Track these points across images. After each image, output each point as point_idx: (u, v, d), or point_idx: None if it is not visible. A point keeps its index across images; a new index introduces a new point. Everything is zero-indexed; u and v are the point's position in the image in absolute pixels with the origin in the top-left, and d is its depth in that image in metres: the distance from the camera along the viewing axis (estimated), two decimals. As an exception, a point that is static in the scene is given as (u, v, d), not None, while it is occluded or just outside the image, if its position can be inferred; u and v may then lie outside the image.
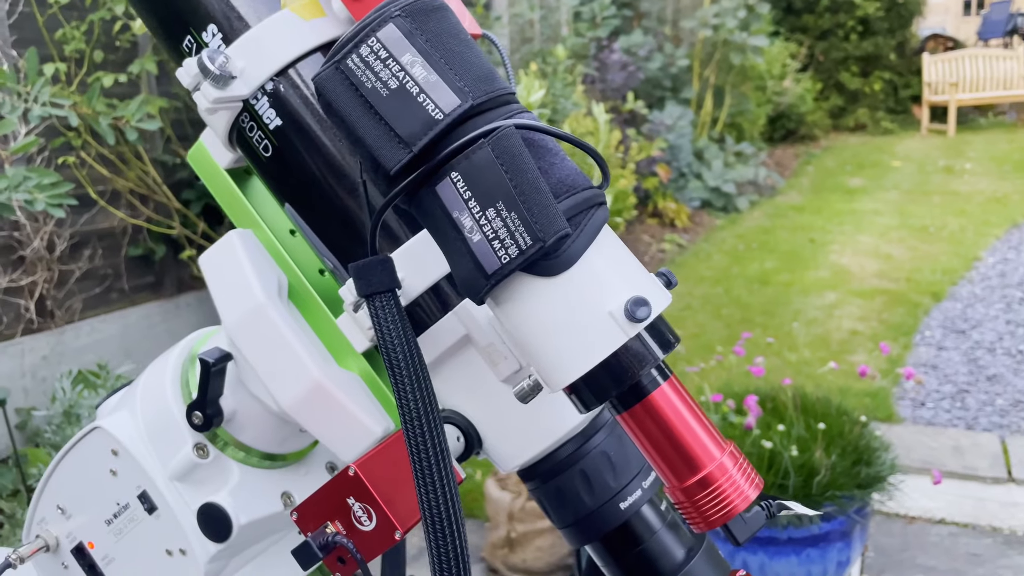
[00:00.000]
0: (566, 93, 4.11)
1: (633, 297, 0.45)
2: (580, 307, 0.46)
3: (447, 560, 0.49)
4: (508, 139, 0.44)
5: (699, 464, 0.48)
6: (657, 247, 6.15)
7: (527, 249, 0.44)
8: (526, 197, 0.44)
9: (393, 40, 0.46)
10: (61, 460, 0.75)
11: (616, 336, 0.46)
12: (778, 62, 8.82)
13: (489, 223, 0.45)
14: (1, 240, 2.99)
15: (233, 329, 0.66)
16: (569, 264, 0.46)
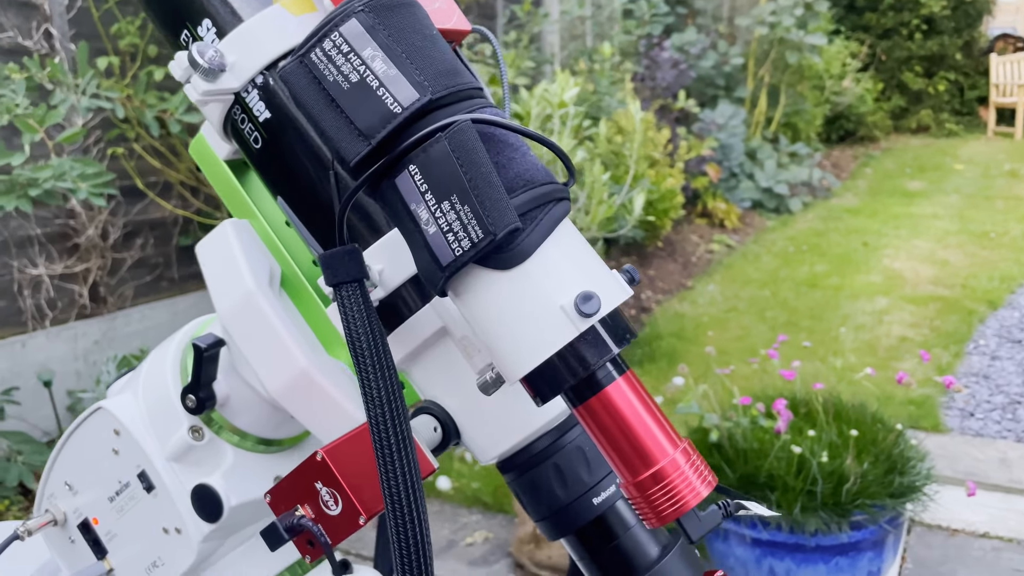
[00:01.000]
0: (611, 91, 4.09)
1: (581, 292, 0.46)
2: (533, 300, 0.47)
3: (407, 547, 0.50)
4: (464, 133, 0.45)
5: (652, 459, 0.48)
6: (705, 247, 6.08)
7: (479, 242, 0.45)
8: (479, 191, 0.45)
9: (355, 35, 0.47)
10: (69, 438, 0.78)
11: (567, 330, 0.46)
12: (838, 61, 8.64)
13: (444, 216, 0.46)
14: (57, 228, 3.10)
15: (225, 316, 0.67)
16: (523, 258, 0.47)
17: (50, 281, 3.07)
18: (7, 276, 2.97)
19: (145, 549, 0.77)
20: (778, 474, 1.87)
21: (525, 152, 0.49)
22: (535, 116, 2.06)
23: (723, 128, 6.33)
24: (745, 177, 6.85)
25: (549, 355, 0.47)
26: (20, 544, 0.85)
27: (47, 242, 3.08)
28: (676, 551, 0.63)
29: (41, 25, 2.92)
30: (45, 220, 3.04)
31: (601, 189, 1.97)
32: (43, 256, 3.06)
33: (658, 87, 5.78)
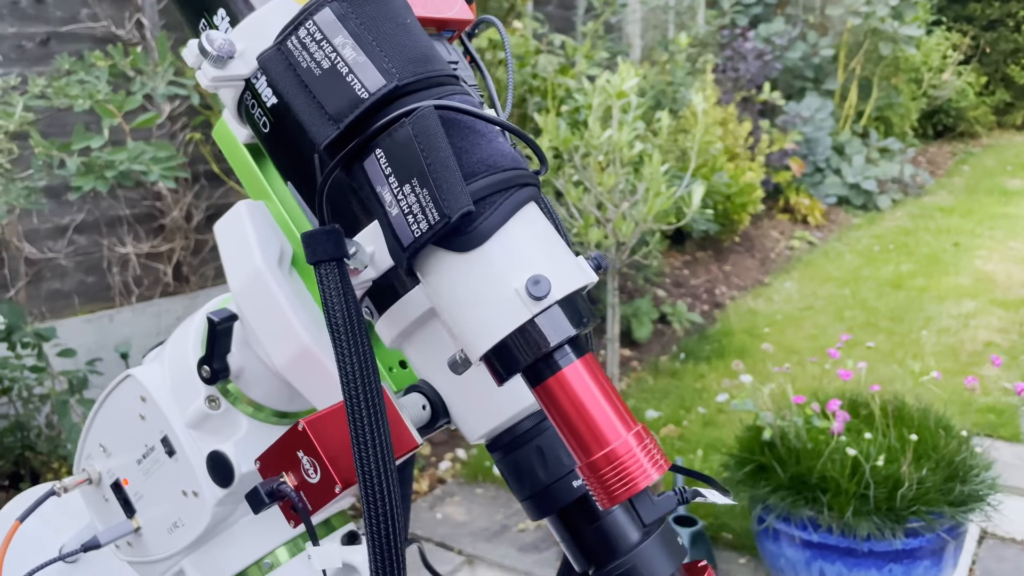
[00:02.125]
0: (687, 82, 4.03)
1: (531, 275, 0.47)
2: (489, 282, 0.48)
3: (376, 517, 0.52)
4: (425, 119, 0.47)
5: (604, 440, 0.48)
6: (785, 244, 5.94)
7: (435, 224, 0.47)
8: (436, 175, 0.46)
9: (327, 23, 0.49)
10: (103, 402, 0.84)
11: (520, 312, 0.47)
12: (937, 53, 8.28)
13: (405, 198, 0.47)
14: (145, 209, 3.26)
15: (236, 292, 0.71)
16: (480, 241, 0.48)
17: (137, 260, 3.23)
18: (97, 254, 3.14)
19: (168, 510, 0.81)
20: (831, 476, 1.83)
21: (492, 138, 0.50)
22: (596, 106, 2.06)
23: (809, 121, 6.16)
24: (831, 172, 6.65)
25: (503, 336, 0.48)
26: (71, 504, 0.91)
27: (135, 223, 3.24)
28: (656, 536, 0.63)
29: (133, 15, 3.06)
30: (133, 202, 3.20)
31: (659, 181, 1.96)
32: (131, 236, 3.22)
33: (741, 79, 5.66)
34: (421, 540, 2.44)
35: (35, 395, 2.51)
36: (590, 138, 1.98)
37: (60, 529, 0.97)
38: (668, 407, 3.42)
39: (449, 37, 0.67)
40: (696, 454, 2.90)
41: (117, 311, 3.18)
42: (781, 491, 1.89)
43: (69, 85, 1.84)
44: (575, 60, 3.56)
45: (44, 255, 2.95)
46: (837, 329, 4.22)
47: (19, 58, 2.74)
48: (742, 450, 2.02)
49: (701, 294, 4.94)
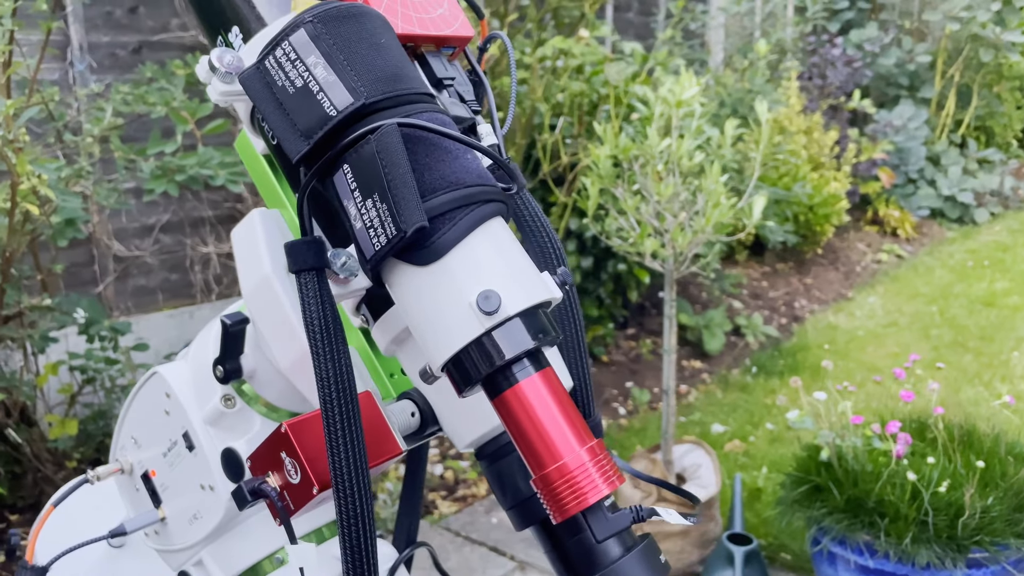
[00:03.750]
0: (766, 89, 3.94)
1: (483, 291, 0.48)
2: (445, 296, 0.49)
3: (349, 522, 0.53)
4: (388, 136, 0.48)
5: (557, 454, 0.49)
6: (872, 257, 5.74)
7: (392, 238, 0.48)
8: (395, 190, 0.48)
9: (301, 43, 0.51)
10: (134, 397, 0.88)
11: (473, 326, 0.48)
12: (1045, 60, 7.85)
13: (367, 212, 0.49)
14: (226, 211, 3.39)
15: (246, 296, 0.74)
16: (439, 255, 0.49)
17: (217, 259, 3.37)
18: (181, 252, 3.28)
19: (188, 502, 0.85)
20: (889, 500, 1.76)
21: (458, 156, 0.51)
22: (657, 116, 2.04)
23: (901, 130, 5.94)
24: (925, 183, 6.39)
25: (458, 348, 0.49)
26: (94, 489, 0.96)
27: (216, 223, 3.37)
28: (637, 552, 0.63)
29: (220, 25, 3.20)
30: (215, 203, 3.34)
31: (719, 191, 1.93)
32: (213, 236, 3.36)
33: (828, 86, 5.50)
34: (475, 544, 2.46)
35: (118, 385, 2.64)
36: (648, 147, 1.97)
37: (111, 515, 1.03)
38: (735, 422, 3.35)
39: (450, 54, 0.68)
40: (760, 471, 2.84)
41: (198, 308, 3.32)
42: (837, 513, 1.83)
43: (149, 92, 1.94)
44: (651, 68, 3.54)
45: (131, 253, 3.10)
46: (921, 347, 4.06)
47: (112, 66, 2.90)
48: (799, 469, 1.97)
49: (779, 307, 4.82)
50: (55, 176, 1.70)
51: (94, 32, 2.89)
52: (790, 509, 1.96)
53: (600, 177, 2.09)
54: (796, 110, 5.03)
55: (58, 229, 1.85)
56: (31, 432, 2.42)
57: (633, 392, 3.63)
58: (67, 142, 2.14)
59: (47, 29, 1.92)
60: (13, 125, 1.57)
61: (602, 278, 3.63)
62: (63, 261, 2.60)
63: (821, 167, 5.26)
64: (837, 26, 5.98)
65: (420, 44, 0.65)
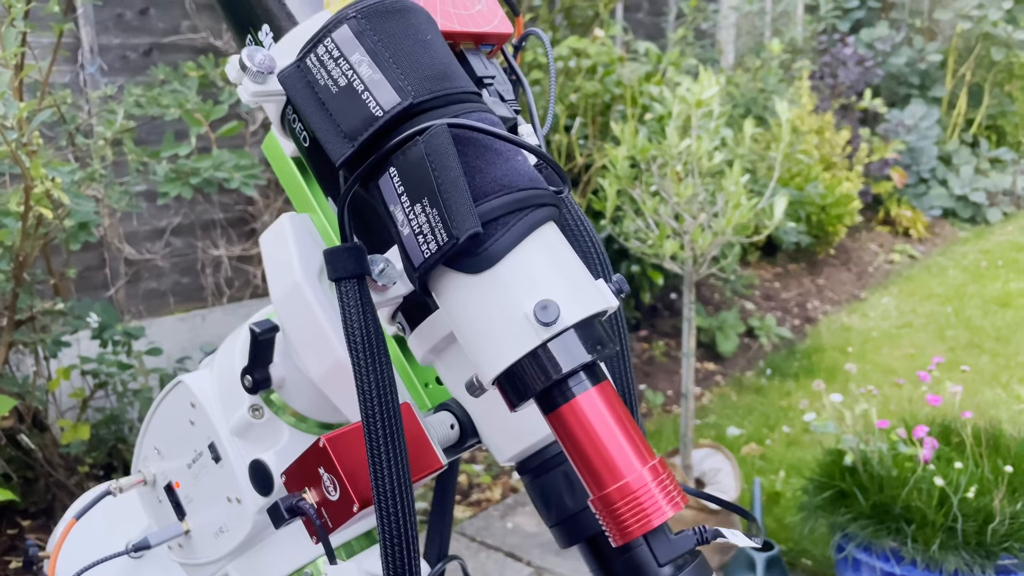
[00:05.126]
0: (779, 89, 3.91)
1: (540, 300, 0.45)
2: (499, 306, 0.47)
3: (391, 540, 0.51)
4: (437, 137, 0.46)
5: (618, 473, 0.46)
6: (885, 257, 5.69)
7: (444, 245, 0.45)
8: (446, 195, 0.45)
9: (345, 40, 0.48)
10: (157, 407, 0.86)
11: (529, 337, 0.46)
12: (1056, 58, 7.80)
13: (416, 218, 0.47)
14: (237, 214, 3.37)
15: (276, 303, 0.72)
16: (491, 262, 0.47)
17: (229, 262, 3.35)
18: (192, 255, 3.27)
19: (214, 515, 0.82)
20: (916, 506, 1.73)
21: (509, 157, 0.49)
22: (675, 115, 2.02)
23: (912, 130, 5.90)
24: (937, 183, 6.35)
25: (512, 361, 0.46)
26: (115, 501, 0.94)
27: (228, 226, 3.35)
28: (690, 571, 0.60)
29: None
30: (227, 206, 3.32)
31: (739, 192, 1.90)
32: (224, 239, 3.34)
33: (840, 85, 5.46)
34: (490, 549, 2.44)
35: (130, 390, 2.62)
36: (667, 147, 1.94)
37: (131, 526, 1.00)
38: (751, 425, 3.32)
39: (488, 51, 0.66)
40: (778, 475, 2.80)
41: (209, 311, 3.30)
42: (862, 519, 1.80)
43: (162, 95, 1.92)
44: (664, 68, 3.51)
45: (142, 256, 3.08)
46: (937, 348, 4.02)
47: (123, 68, 2.88)
48: (822, 474, 1.94)
49: (792, 308, 4.79)
50: (69, 180, 1.68)
51: (105, 34, 2.87)
52: (813, 515, 1.93)
53: (618, 178, 2.06)
54: (808, 110, 4.99)
55: (71, 233, 1.83)
56: (43, 437, 2.40)
57: (647, 395, 3.60)
58: (79, 145, 2.13)
59: (59, 31, 1.90)
60: (26, 128, 1.55)
61: (615, 280, 3.60)
62: (75, 265, 2.58)
63: (833, 167, 5.23)
64: (848, 25, 5.94)
65: (459, 42, 0.63)
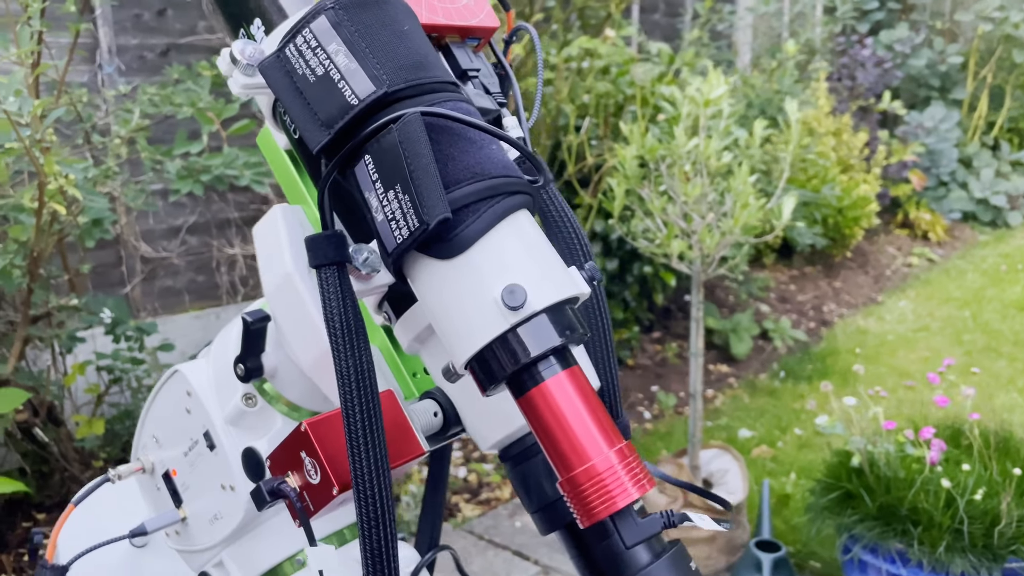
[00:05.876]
0: (794, 90, 3.89)
1: (507, 285, 0.46)
2: (469, 291, 0.47)
3: (369, 522, 0.52)
4: (410, 125, 0.47)
5: (584, 455, 0.47)
6: (903, 261, 5.65)
7: (415, 231, 0.46)
8: (418, 181, 0.46)
9: (323, 31, 0.49)
10: (155, 396, 0.87)
11: (497, 322, 0.46)
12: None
13: (389, 204, 0.47)
14: (252, 212, 3.40)
15: (267, 293, 0.73)
16: (462, 248, 0.47)
17: (244, 260, 3.38)
18: (207, 254, 3.30)
19: (209, 502, 0.84)
20: (923, 508, 1.72)
21: (483, 145, 0.49)
22: (684, 115, 2.02)
23: (932, 132, 5.84)
24: (956, 186, 6.29)
25: (482, 345, 0.47)
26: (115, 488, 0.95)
27: (243, 225, 3.39)
28: (667, 559, 0.61)
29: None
30: (242, 205, 3.35)
31: (747, 192, 1.90)
32: (239, 237, 3.37)
33: (858, 87, 5.43)
34: (498, 547, 2.44)
35: (144, 386, 2.65)
36: (675, 147, 1.94)
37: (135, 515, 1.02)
38: (763, 427, 3.31)
39: (475, 45, 0.67)
40: (789, 477, 2.79)
41: (223, 309, 3.33)
42: (869, 521, 1.79)
43: (175, 93, 1.95)
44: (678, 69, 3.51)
45: (158, 254, 3.12)
46: (953, 352, 3.98)
47: (140, 68, 2.92)
48: (829, 475, 1.93)
49: (807, 311, 4.76)
50: (82, 176, 1.71)
51: (123, 35, 2.91)
52: (820, 516, 1.92)
53: (626, 178, 2.07)
54: (825, 112, 4.96)
55: (85, 229, 1.85)
56: (58, 432, 2.44)
57: (659, 396, 3.60)
58: (95, 143, 2.16)
59: (75, 31, 1.93)
60: (40, 125, 1.57)
61: (628, 281, 3.60)
62: (91, 262, 2.62)
63: (851, 169, 5.19)
64: (867, 27, 5.90)
65: (445, 35, 0.64)
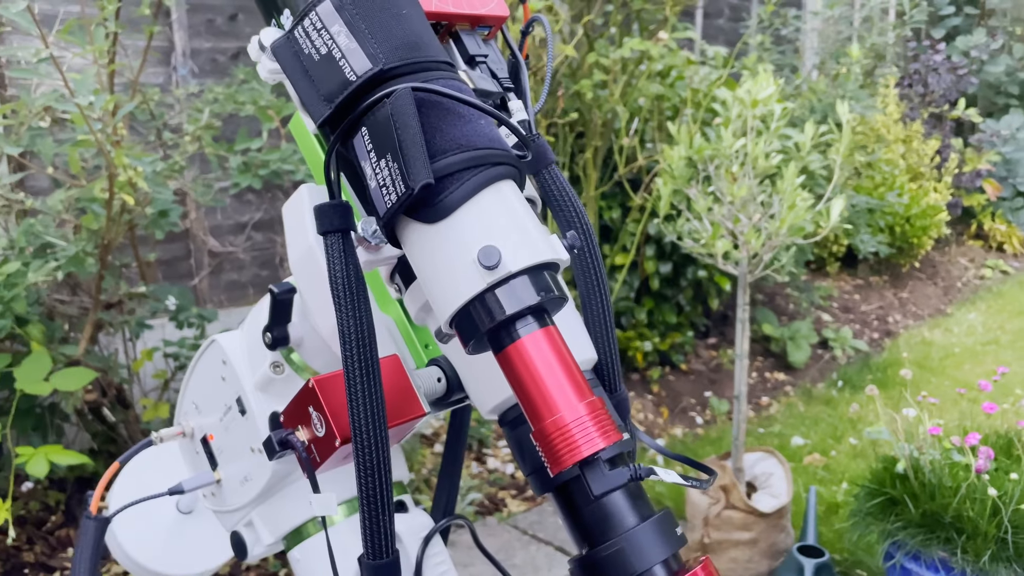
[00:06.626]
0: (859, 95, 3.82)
1: (483, 247, 0.49)
2: (452, 252, 0.51)
3: (366, 465, 0.56)
4: (401, 99, 0.51)
5: (555, 407, 0.50)
6: (975, 272, 5.48)
7: (402, 196, 0.51)
8: (405, 150, 0.50)
9: (327, 13, 0.54)
10: (195, 364, 0.94)
11: (476, 282, 0.50)
12: None
13: (380, 172, 0.52)
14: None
15: (293, 266, 0.78)
16: (446, 213, 0.51)
17: (305, 257, 3.49)
18: (271, 249, 3.42)
19: (240, 465, 0.90)
20: (968, 516, 1.69)
21: (471, 120, 0.53)
22: (735, 116, 2.02)
23: (1009, 140, 5.66)
24: (1035, 197, 6.07)
25: (461, 303, 0.51)
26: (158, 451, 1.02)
27: (305, 222, 3.49)
28: (653, 521, 0.63)
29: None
30: (305, 203, 3.46)
31: (794, 194, 1.89)
32: (302, 235, 3.48)
33: (930, 94, 5.30)
34: (541, 543, 2.47)
35: (207, 373, 2.76)
36: (723, 148, 1.95)
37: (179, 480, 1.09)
38: (817, 435, 3.26)
39: (486, 33, 0.71)
40: (840, 486, 2.75)
41: (285, 303, 3.44)
42: (912, 528, 1.76)
43: (238, 92, 2.04)
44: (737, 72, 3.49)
45: (225, 248, 3.25)
46: (1022, 366, 3.85)
47: (212, 70, 3.05)
48: (873, 481, 1.91)
49: (871, 321, 4.66)
50: (150, 170, 1.81)
51: (196, 39, 3.05)
52: (863, 521, 1.90)
53: (673, 178, 2.08)
54: (894, 118, 4.86)
55: (152, 220, 1.96)
56: (127, 414, 2.56)
57: (711, 402, 3.57)
58: (166, 140, 2.27)
59: (149, 33, 2.04)
60: (112, 120, 1.67)
61: (681, 284, 3.59)
62: (163, 255, 2.75)
63: (920, 177, 5.07)
64: (942, 32, 5.75)
65: (454, 23, 0.68)
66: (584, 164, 3.18)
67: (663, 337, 3.65)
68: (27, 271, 1.72)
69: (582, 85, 2.77)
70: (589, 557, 0.57)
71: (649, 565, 0.56)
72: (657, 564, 0.56)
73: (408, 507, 0.89)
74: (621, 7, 2.98)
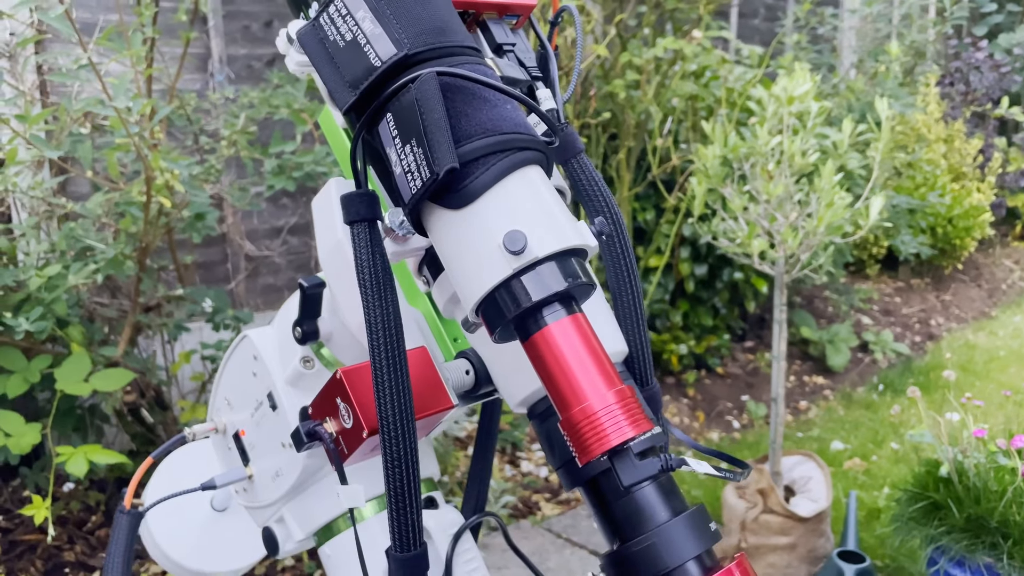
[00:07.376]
0: (897, 93, 3.75)
1: (509, 231, 0.49)
2: (478, 238, 0.50)
3: (393, 457, 0.55)
4: (426, 84, 0.50)
5: (582, 396, 0.49)
6: (1020, 274, 5.35)
7: (427, 181, 0.50)
8: (430, 135, 0.50)
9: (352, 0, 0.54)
10: (227, 361, 0.94)
11: (502, 268, 0.49)
12: None
13: (406, 158, 0.51)
14: (349, 215, 3.53)
15: (322, 260, 0.78)
16: (472, 198, 0.51)
17: (340, 261, 3.51)
18: (306, 254, 3.45)
19: (271, 461, 0.90)
20: (1014, 520, 1.64)
21: (497, 105, 0.53)
22: (771, 114, 1.99)
23: (1055, 139, 5.52)
24: (1083, 197, 5.91)
25: (487, 290, 0.50)
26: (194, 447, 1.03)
27: (340, 226, 3.52)
28: (686, 516, 0.62)
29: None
30: (340, 207, 3.48)
31: (832, 192, 1.86)
32: (336, 239, 3.50)
33: (972, 92, 5.19)
34: (575, 546, 2.45)
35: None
36: (758, 145, 1.92)
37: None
38: (857, 440, 3.20)
39: (514, 22, 0.70)
40: (881, 491, 2.69)
41: (321, 307, 3.47)
42: (956, 532, 1.71)
43: (273, 96, 2.06)
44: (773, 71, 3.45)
45: (261, 252, 3.28)
46: (1071, 370, 3.75)
47: (248, 76, 3.09)
48: (916, 485, 1.86)
49: (913, 324, 4.57)
50: (186, 173, 1.83)
51: (232, 45, 3.09)
52: (905, 527, 1.85)
53: (708, 177, 2.06)
54: (935, 117, 4.76)
55: (189, 223, 1.98)
56: (165, 415, 2.59)
57: (748, 405, 3.52)
58: (202, 144, 2.30)
59: (186, 39, 2.07)
60: (149, 124, 1.70)
61: (717, 287, 3.55)
62: (200, 259, 2.78)
63: (963, 177, 4.96)
64: (984, 29, 5.62)
65: (482, 11, 0.67)
66: (617, 165, 3.16)
67: (699, 340, 3.61)
68: (67, 274, 1.75)
69: (615, 85, 2.75)
70: (620, 552, 0.56)
71: (681, 561, 0.55)
72: (690, 560, 0.55)
73: (438, 503, 0.88)
74: (655, 7, 2.96)
